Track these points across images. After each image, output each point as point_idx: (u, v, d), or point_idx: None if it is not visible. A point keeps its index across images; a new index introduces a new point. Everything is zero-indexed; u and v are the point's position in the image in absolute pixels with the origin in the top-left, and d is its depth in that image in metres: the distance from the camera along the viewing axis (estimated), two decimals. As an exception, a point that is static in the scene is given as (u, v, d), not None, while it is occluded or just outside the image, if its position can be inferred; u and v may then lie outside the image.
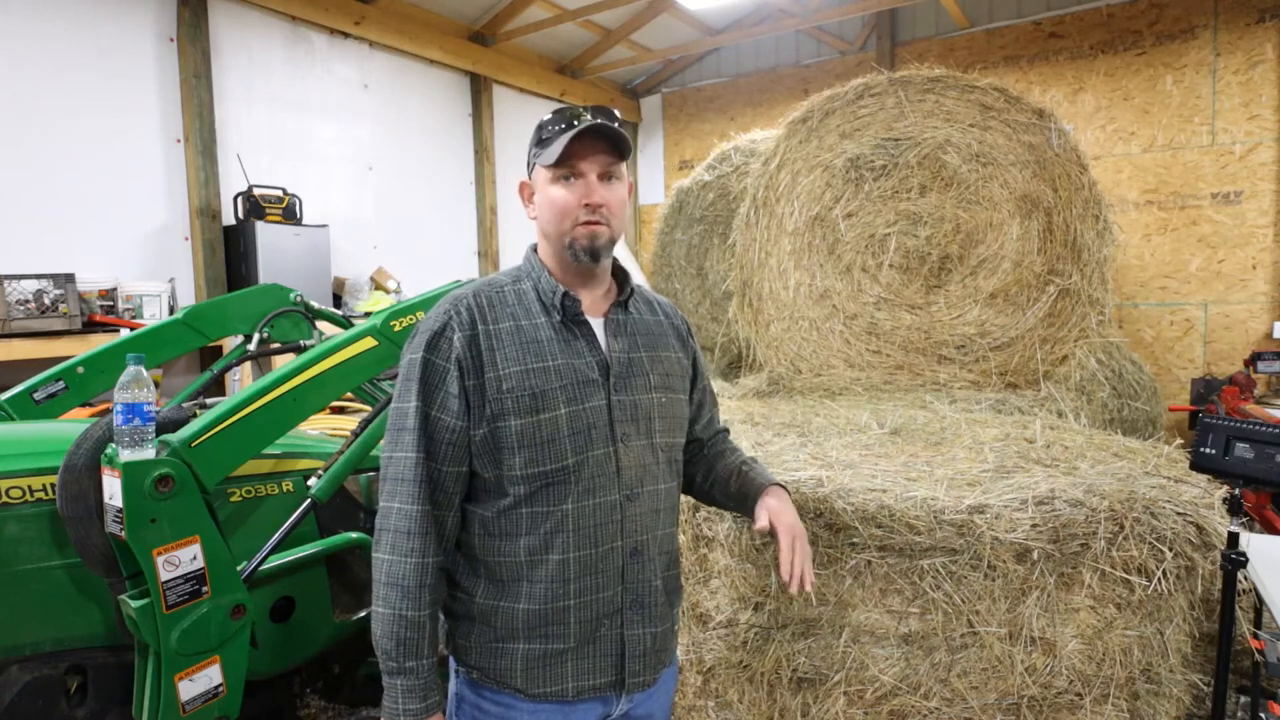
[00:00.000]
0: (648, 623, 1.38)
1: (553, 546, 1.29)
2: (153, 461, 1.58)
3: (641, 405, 1.37)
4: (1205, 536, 2.10)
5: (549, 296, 1.35)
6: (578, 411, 1.30)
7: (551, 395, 1.29)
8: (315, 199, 6.05)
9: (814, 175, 4.64)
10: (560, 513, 1.29)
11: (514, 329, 1.32)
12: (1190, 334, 6.42)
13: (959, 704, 2.12)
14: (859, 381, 4.40)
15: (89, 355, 2.48)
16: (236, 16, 5.54)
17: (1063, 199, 4.13)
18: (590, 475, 1.31)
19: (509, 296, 1.37)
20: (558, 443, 1.28)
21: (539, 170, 1.36)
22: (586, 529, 1.31)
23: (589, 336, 1.37)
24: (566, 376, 1.31)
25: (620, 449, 1.33)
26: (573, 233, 1.33)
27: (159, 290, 4.81)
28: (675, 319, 1.57)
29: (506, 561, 1.31)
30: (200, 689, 1.66)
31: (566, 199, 1.32)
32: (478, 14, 7.18)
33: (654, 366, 1.42)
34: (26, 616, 1.72)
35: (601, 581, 1.32)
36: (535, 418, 1.27)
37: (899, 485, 2.31)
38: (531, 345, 1.31)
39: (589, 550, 1.31)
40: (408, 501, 1.27)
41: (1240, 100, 6.11)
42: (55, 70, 4.63)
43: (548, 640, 1.30)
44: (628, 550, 1.35)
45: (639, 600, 1.37)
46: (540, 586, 1.29)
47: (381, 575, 1.27)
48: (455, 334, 1.29)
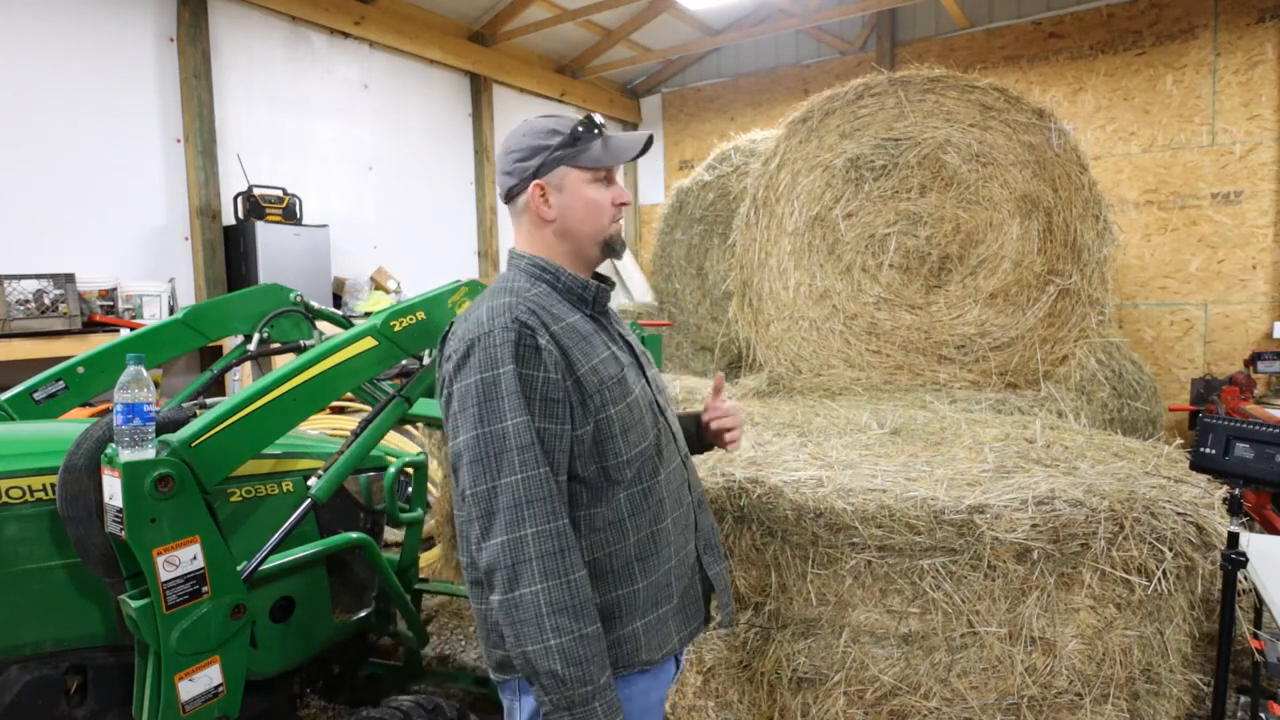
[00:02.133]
0: (718, 560, 1.56)
1: (657, 518, 1.39)
2: (153, 461, 1.57)
3: (656, 381, 1.52)
4: (1205, 536, 2.10)
5: (579, 292, 1.42)
6: (642, 392, 1.41)
7: (626, 380, 1.37)
8: (315, 199, 6.05)
9: (814, 175, 4.64)
10: (657, 485, 1.40)
11: (568, 327, 1.35)
12: (1190, 334, 6.42)
13: (959, 704, 2.12)
14: (859, 381, 4.40)
15: (89, 355, 2.48)
16: (236, 16, 5.54)
17: (1063, 199, 4.13)
18: (665, 444, 1.43)
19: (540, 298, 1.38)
20: (643, 421, 1.38)
21: (570, 172, 1.40)
22: (675, 492, 1.44)
23: (612, 326, 1.48)
24: (623, 360, 1.40)
25: (669, 416, 1.49)
26: (610, 229, 1.43)
27: (159, 290, 4.81)
28: None
29: (616, 551, 1.35)
30: (200, 689, 1.65)
31: (605, 199, 1.42)
32: (478, 14, 7.18)
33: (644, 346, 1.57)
34: (26, 616, 1.72)
35: (685, 536, 1.46)
36: (625, 402, 1.35)
37: (899, 485, 2.31)
38: (590, 338, 1.37)
39: (679, 510, 1.44)
40: (545, 521, 1.21)
41: (1240, 100, 6.11)
42: (55, 70, 4.63)
43: (658, 606, 1.39)
44: (696, 501, 1.52)
45: (709, 543, 1.54)
46: (651, 561, 1.38)
47: (541, 609, 1.19)
48: (539, 339, 1.26)
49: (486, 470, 1.22)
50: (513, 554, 1.20)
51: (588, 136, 1.41)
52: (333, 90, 6.25)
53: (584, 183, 1.40)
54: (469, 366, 1.25)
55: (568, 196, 1.40)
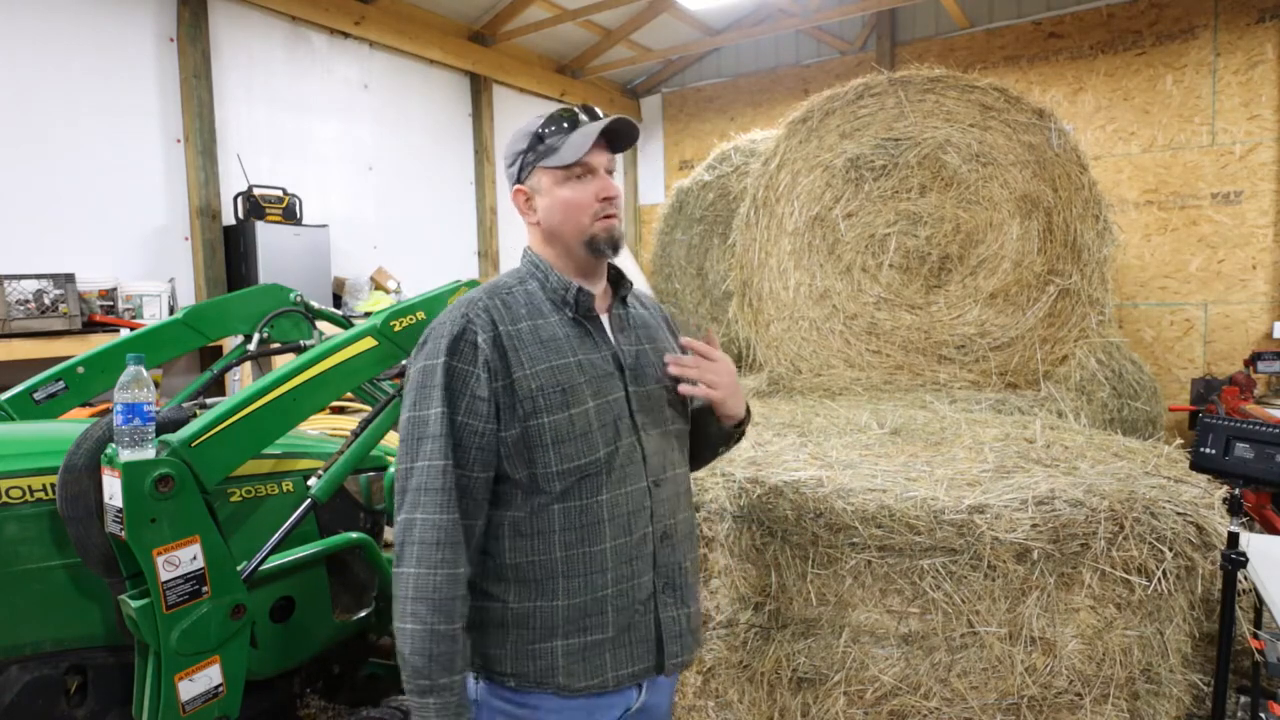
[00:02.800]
0: (680, 604, 1.42)
1: (590, 539, 1.31)
2: (153, 461, 1.58)
3: (654, 396, 1.42)
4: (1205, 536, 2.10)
5: (560, 293, 1.38)
6: (604, 404, 1.33)
7: (579, 390, 1.31)
8: (315, 199, 6.05)
9: (814, 175, 4.64)
10: (596, 504, 1.32)
11: (532, 328, 1.34)
12: (1190, 334, 6.42)
13: (959, 704, 2.12)
14: (859, 381, 4.40)
15: (89, 355, 2.48)
16: (236, 16, 5.54)
17: (1063, 199, 4.13)
18: (621, 465, 1.34)
19: (519, 297, 1.38)
20: (590, 436, 1.31)
21: (543, 174, 1.38)
22: (621, 518, 1.33)
23: (600, 331, 1.40)
24: (589, 370, 1.34)
25: (643, 437, 1.38)
26: (592, 228, 1.36)
27: (159, 290, 4.81)
28: (660, 312, 1.62)
29: (540, 561, 1.31)
30: (200, 689, 1.65)
31: (582, 196, 1.35)
32: (478, 14, 7.18)
33: (657, 358, 1.46)
34: (26, 616, 1.72)
35: (637, 568, 1.35)
36: (567, 413, 1.30)
37: (899, 485, 2.31)
38: (551, 343, 1.33)
39: (624, 539, 1.34)
40: (434, 511, 1.25)
41: (1240, 100, 6.11)
42: (55, 70, 4.63)
43: (587, 633, 1.31)
44: (658, 535, 1.39)
45: (670, 583, 1.40)
46: (578, 581, 1.31)
47: (409, 590, 1.24)
48: (478, 336, 1.29)
49: (408, 451, 1.29)
50: (404, 532, 1.27)
51: (554, 134, 1.37)
52: (333, 90, 6.25)
53: (557, 183, 1.37)
54: (420, 353, 1.33)
55: (545, 199, 1.39)
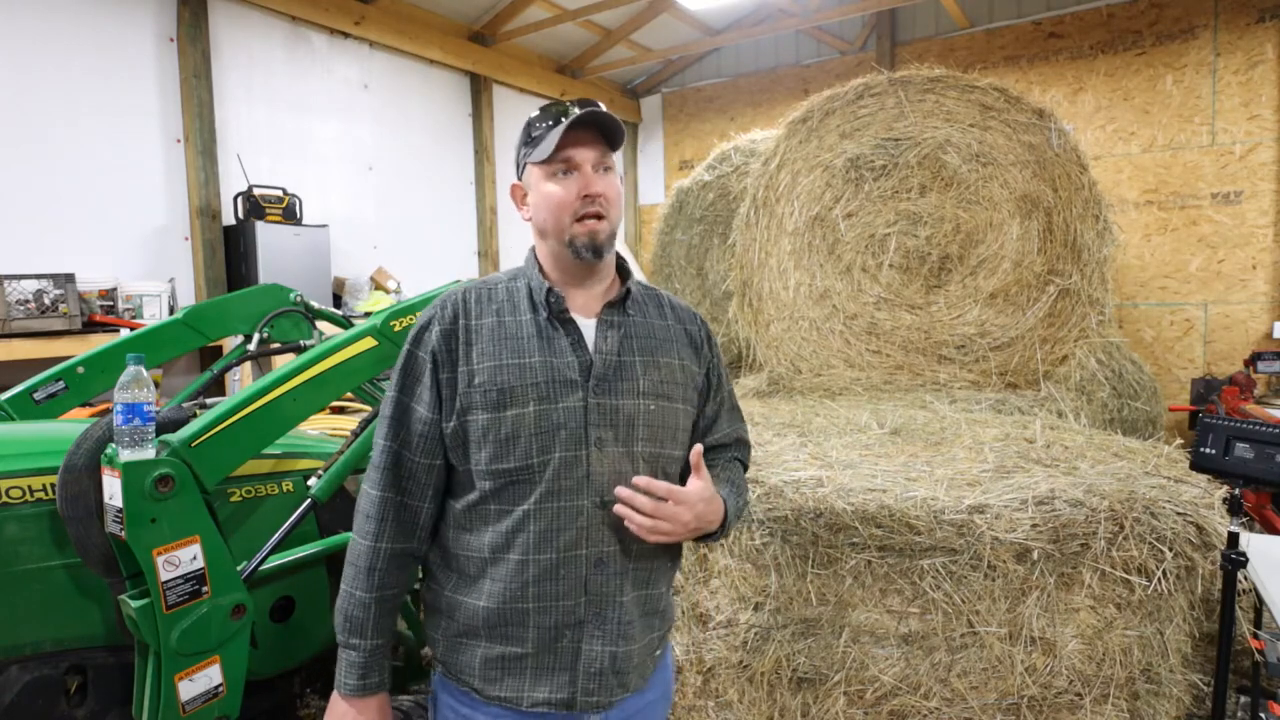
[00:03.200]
0: (608, 640, 1.30)
1: (513, 546, 1.27)
2: (153, 461, 1.57)
3: (624, 410, 1.31)
4: (1205, 536, 2.10)
5: (537, 294, 1.34)
6: (547, 410, 1.26)
7: (520, 392, 1.26)
8: (315, 199, 6.05)
9: (814, 175, 4.64)
10: (521, 512, 1.26)
11: (495, 324, 1.32)
12: (1190, 334, 6.42)
13: (959, 704, 2.12)
14: (859, 381, 4.40)
15: (89, 355, 2.48)
16: (236, 16, 5.54)
17: (1063, 199, 4.13)
18: (555, 476, 1.26)
19: (500, 293, 1.36)
20: (522, 440, 1.26)
21: (531, 170, 1.35)
22: (547, 532, 1.26)
23: (574, 335, 1.33)
24: (542, 374, 1.28)
25: (593, 453, 1.28)
26: (572, 229, 1.30)
27: (159, 290, 4.81)
28: (691, 325, 1.49)
29: (473, 556, 1.30)
30: (200, 689, 1.65)
31: (563, 193, 1.30)
32: (478, 14, 7.18)
33: (648, 372, 1.35)
34: (26, 616, 1.72)
35: (562, 589, 1.27)
36: (500, 414, 1.26)
37: (899, 485, 2.31)
38: (510, 341, 1.30)
39: (550, 555, 1.26)
40: (373, 486, 1.31)
41: (1240, 100, 6.11)
42: (55, 70, 4.63)
43: (506, 642, 1.28)
44: (592, 559, 1.29)
45: (600, 614, 1.30)
46: (500, 585, 1.27)
47: (347, 554, 1.33)
48: (435, 328, 1.31)
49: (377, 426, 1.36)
50: (358, 501, 1.35)
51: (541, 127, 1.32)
52: (333, 90, 6.25)
53: (541, 179, 1.32)
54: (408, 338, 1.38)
55: (533, 195, 1.35)
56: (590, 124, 1.30)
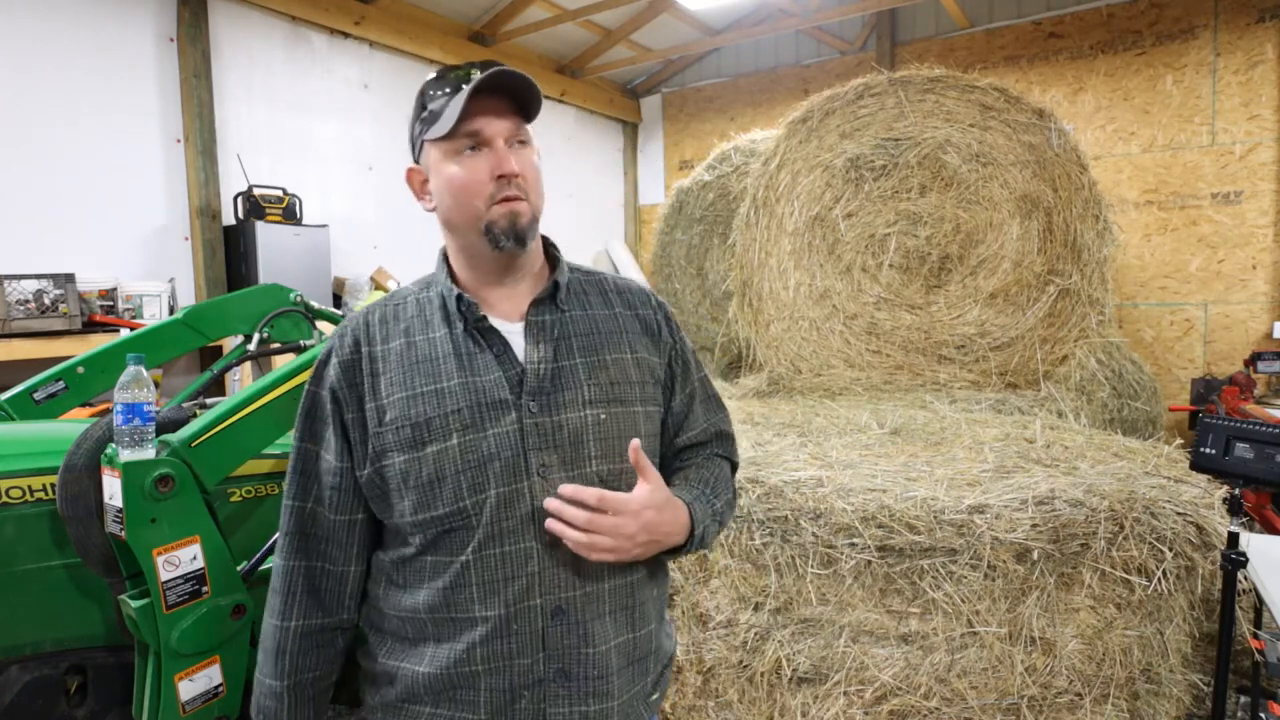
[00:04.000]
0: (577, 699, 1.10)
1: (454, 604, 1.08)
2: (153, 461, 1.58)
3: (569, 426, 1.10)
4: (1205, 536, 2.10)
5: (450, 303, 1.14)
6: (475, 441, 1.07)
7: (440, 424, 1.07)
8: (315, 199, 6.05)
9: (814, 175, 4.64)
10: (459, 564, 1.07)
11: (404, 347, 1.12)
12: (1190, 334, 6.42)
13: (959, 704, 2.12)
14: (859, 381, 4.40)
15: (89, 355, 2.48)
16: (236, 16, 5.54)
17: (1063, 199, 4.13)
18: (494, 518, 1.06)
19: (408, 309, 1.17)
20: (449, 481, 1.06)
21: (430, 150, 1.13)
22: (493, 584, 1.07)
23: (500, 346, 1.12)
24: (463, 399, 1.08)
25: (536, 483, 1.08)
26: (488, 214, 1.09)
27: (159, 290, 4.81)
28: (645, 308, 1.26)
29: (410, 618, 1.11)
30: (200, 689, 1.65)
31: (471, 175, 1.09)
32: (478, 14, 7.18)
33: (593, 374, 1.14)
34: (26, 616, 1.72)
35: (515, 647, 1.08)
36: (420, 452, 1.06)
37: (899, 485, 2.31)
38: (422, 365, 1.10)
39: (498, 610, 1.07)
40: (284, 555, 1.14)
41: (1240, 100, 6.11)
42: (55, 70, 4.63)
43: (455, 706, 1.10)
44: (548, 610, 1.09)
45: (565, 671, 1.09)
46: (445, 649, 1.09)
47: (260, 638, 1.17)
48: (334, 358, 1.13)
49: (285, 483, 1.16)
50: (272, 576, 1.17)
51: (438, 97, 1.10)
52: (333, 90, 6.25)
53: (442, 159, 1.11)
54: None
55: (435, 180, 1.14)
56: (499, 89, 1.08)
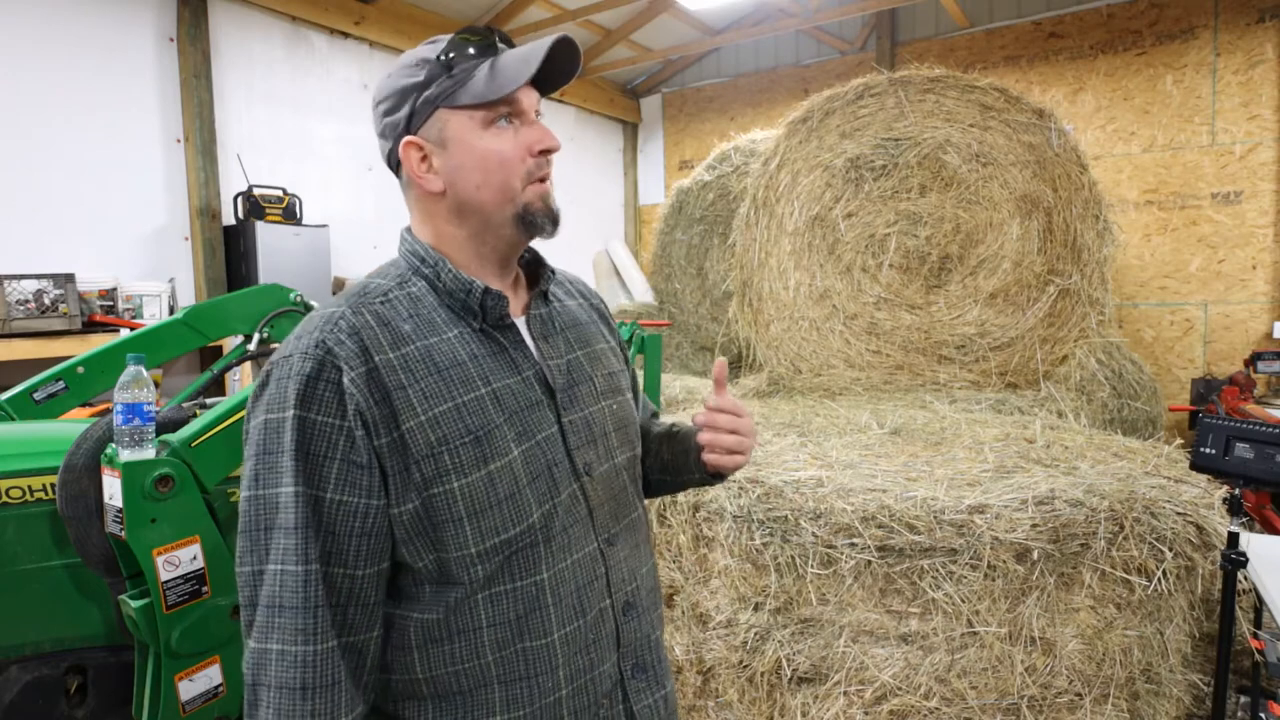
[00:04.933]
0: (655, 686, 1.09)
1: (530, 631, 0.96)
2: (153, 461, 1.58)
3: (595, 420, 1.06)
4: (1205, 536, 2.10)
5: (460, 297, 0.99)
6: (533, 449, 0.97)
7: (499, 434, 0.95)
8: (315, 199, 6.05)
9: (814, 175, 4.64)
10: (534, 587, 0.97)
11: (423, 352, 0.95)
12: (1190, 334, 6.42)
13: (959, 704, 2.12)
14: (859, 381, 4.40)
15: (89, 355, 2.48)
16: (236, 16, 5.54)
17: (1063, 199, 4.13)
18: (562, 528, 0.99)
19: (400, 307, 0.98)
20: (517, 497, 0.95)
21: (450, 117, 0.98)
22: (569, 596, 0.99)
23: (518, 345, 1.02)
24: (509, 404, 0.97)
25: (586, 483, 1.03)
26: (525, 194, 0.98)
27: (159, 290, 4.81)
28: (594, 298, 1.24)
29: (466, 669, 0.95)
30: (200, 689, 1.66)
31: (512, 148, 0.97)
32: (478, 14, 7.18)
33: (594, 366, 1.11)
34: (26, 616, 1.72)
35: (596, 656, 1.01)
36: (484, 470, 0.93)
37: (899, 485, 2.31)
38: (454, 371, 0.95)
39: (577, 623, 0.99)
40: (295, 640, 0.87)
41: (1240, 100, 6.11)
42: (55, 70, 4.63)
43: None
44: (619, 607, 1.05)
45: (640, 664, 1.07)
46: (521, 686, 0.96)
47: None
48: (344, 375, 0.89)
49: (251, 548, 0.90)
50: (254, 670, 0.89)
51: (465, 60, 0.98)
52: (333, 90, 6.25)
53: (474, 129, 0.97)
54: (260, 401, 0.92)
55: (455, 154, 0.98)
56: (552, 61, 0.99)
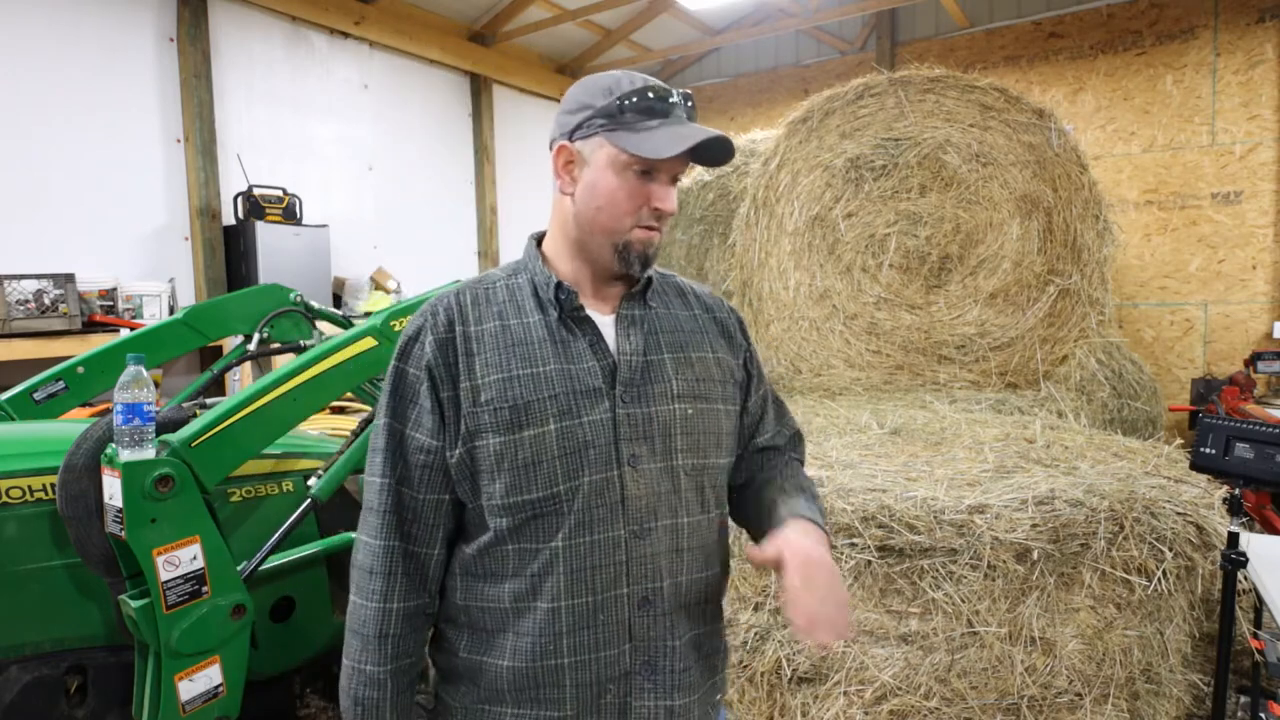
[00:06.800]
0: (662, 692, 1.11)
1: (541, 592, 1.08)
2: (153, 461, 1.58)
3: (659, 418, 1.13)
4: (1205, 536, 2.10)
5: (544, 289, 1.15)
6: (572, 427, 1.09)
7: (539, 407, 1.08)
8: (315, 199, 6.05)
9: (814, 175, 4.63)
10: (549, 551, 1.08)
11: (499, 329, 1.13)
12: (1190, 334, 6.41)
13: (959, 704, 2.12)
14: (859, 381, 4.40)
15: (89, 355, 2.48)
16: (236, 16, 5.54)
17: (1063, 199, 4.13)
18: (586, 505, 1.08)
19: (499, 293, 1.18)
20: (545, 465, 1.07)
21: (604, 145, 1.11)
22: (581, 571, 1.08)
23: (593, 336, 1.14)
24: (560, 385, 1.10)
25: (627, 473, 1.10)
26: (630, 234, 1.12)
27: (159, 290, 4.81)
28: (720, 311, 1.31)
29: (491, 609, 1.11)
30: (200, 689, 1.65)
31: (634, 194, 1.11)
32: (478, 14, 7.18)
33: (680, 371, 1.17)
34: (26, 616, 1.72)
35: (603, 637, 1.09)
36: (517, 435, 1.07)
37: (899, 485, 2.31)
38: (519, 348, 1.11)
39: (585, 598, 1.08)
40: (373, 535, 1.11)
41: (1240, 100, 6.11)
42: (55, 70, 4.63)
43: (539, 706, 1.09)
44: (635, 599, 1.10)
45: (651, 663, 1.11)
46: (527, 640, 1.08)
47: (348, 620, 1.13)
48: (428, 338, 1.12)
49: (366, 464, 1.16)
50: (352, 555, 1.15)
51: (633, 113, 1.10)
52: (333, 90, 6.25)
53: (613, 165, 1.10)
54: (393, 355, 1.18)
55: (593, 173, 1.12)
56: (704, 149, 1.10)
